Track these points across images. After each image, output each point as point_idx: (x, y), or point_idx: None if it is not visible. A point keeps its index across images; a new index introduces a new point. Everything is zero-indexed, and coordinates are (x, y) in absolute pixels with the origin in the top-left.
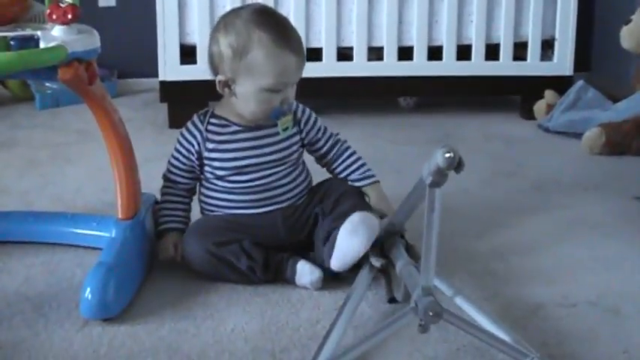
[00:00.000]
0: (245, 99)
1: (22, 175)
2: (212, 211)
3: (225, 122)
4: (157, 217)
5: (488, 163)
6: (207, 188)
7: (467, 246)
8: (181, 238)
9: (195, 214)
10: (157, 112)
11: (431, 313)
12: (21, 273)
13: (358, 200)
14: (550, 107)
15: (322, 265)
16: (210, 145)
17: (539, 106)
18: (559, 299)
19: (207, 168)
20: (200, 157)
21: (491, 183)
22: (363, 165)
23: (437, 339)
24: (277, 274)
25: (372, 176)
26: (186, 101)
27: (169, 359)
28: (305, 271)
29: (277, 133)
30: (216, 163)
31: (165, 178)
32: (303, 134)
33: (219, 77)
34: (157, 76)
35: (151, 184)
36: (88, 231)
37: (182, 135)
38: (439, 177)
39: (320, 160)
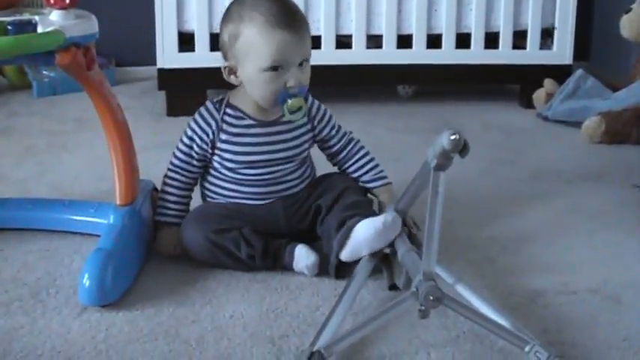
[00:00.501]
0: (250, 83)
1: (19, 162)
2: (214, 198)
3: (241, 114)
4: (157, 204)
5: (487, 152)
6: (214, 176)
7: (466, 234)
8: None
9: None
10: (155, 100)
11: (431, 298)
12: (19, 259)
13: (361, 195)
14: (549, 96)
15: (328, 253)
16: (224, 136)
17: (539, 95)
18: (559, 287)
19: (216, 158)
20: (213, 147)
21: (491, 172)
22: (375, 166)
23: (437, 325)
24: (276, 261)
25: (384, 177)
26: (185, 89)
27: (168, 345)
28: (302, 256)
29: (290, 130)
30: (227, 155)
31: (174, 165)
32: (316, 131)
33: (224, 64)
34: (154, 64)
35: (149, 171)
36: (85, 218)
37: (196, 122)
38: (444, 159)
39: (332, 158)
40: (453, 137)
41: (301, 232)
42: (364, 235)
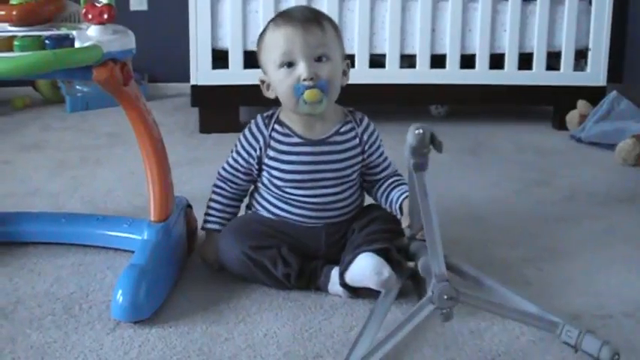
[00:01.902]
0: (275, 89)
1: (52, 177)
2: (259, 210)
3: (288, 131)
4: (205, 213)
5: (520, 173)
6: (264, 191)
7: (501, 256)
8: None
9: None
10: (188, 116)
11: (446, 297)
12: (52, 274)
13: (390, 224)
14: (583, 118)
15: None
16: (271, 153)
17: (572, 117)
18: (595, 310)
19: (265, 173)
20: (260, 162)
21: (525, 193)
22: (400, 185)
23: (471, 348)
24: (310, 282)
25: (407, 192)
26: (218, 106)
27: None
28: (337, 279)
29: (339, 151)
30: (275, 172)
31: (221, 175)
32: (365, 155)
33: (260, 77)
34: (187, 80)
35: (182, 187)
36: (119, 233)
37: (245, 136)
38: (418, 157)
39: (372, 186)
40: (417, 132)
41: (337, 255)
42: (359, 270)
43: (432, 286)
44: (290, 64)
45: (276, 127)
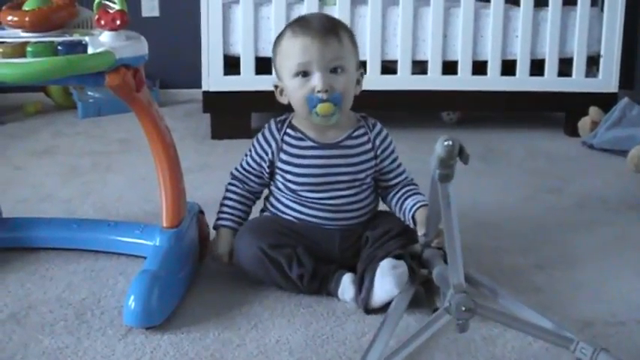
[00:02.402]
0: (290, 96)
1: (64, 182)
2: (274, 213)
3: (301, 135)
4: (217, 212)
5: (531, 179)
6: (278, 194)
7: (512, 262)
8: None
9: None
10: (199, 122)
11: (464, 309)
12: (64, 280)
13: (402, 240)
14: (595, 124)
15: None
16: (284, 157)
17: (584, 123)
18: (607, 317)
19: (279, 177)
20: (272, 165)
21: (536, 199)
22: (414, 194)
23: (485, 355)
24: (322, 286)
25: (422, 201)
26: (230, 112)
27: None
28: (346, 286)
29: (351, 155)
30: (289, 176)
31: (233, 176)
32: (378, 160)
33: (274, 82)
34: (198, 86)
35: (194, 193)
36: (131, 239)
37: (257, 140)
38: (444, 168)
39: (387, 193)
40: (446, 143)
41: (353, 261)
42: (377, 282)
43: (449, 297)
44: (305, 74)
45: (289, 131)
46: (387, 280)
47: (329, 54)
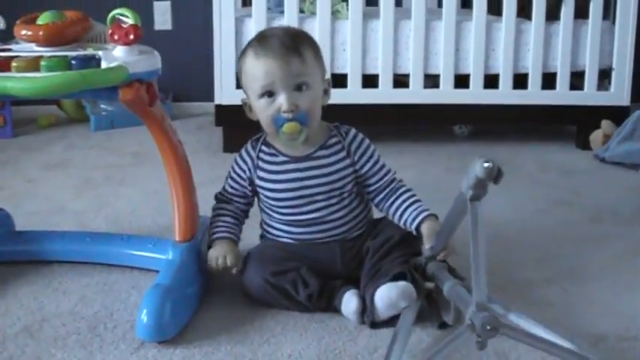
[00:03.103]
0: (257, 112)
1: (77, 195)
2: (271, 238)
3: (274, 151)
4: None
5: (544, 193)
6: (267, 218)
7: (525, 276)
8: (232, 249)
9: (254, 240)
10: (211, 135)
11: (489, 328)
12: (76, 293)
13: (405, 250)
14: (607, 137)
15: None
16: (261, 174)
17: (596, 136)
18: (621, 332)
19: (262, 196)
20: (252, 184)
21: (548, 213)
22: (415, 202)
23: None
24: (329, 303)
25: (425, 210)
26: (242, 125)
27: None
28: (348, 302)
29: (325, 165)
30: (267, 193)
31: (218, 199)
32: (357, 167)
33: (242, 99)
34: (210, 100)
35: (206, 206)
36: (144, 253)
37: (236, 161)
38: (479, 189)
39: (373, 198)
40: (486, 165)
41: (358, 275)
42: (382, 303)
43: (470, 314)
44: (270, 94)
45: (263, 148)
46: (391, 294)
47: (291, 73)
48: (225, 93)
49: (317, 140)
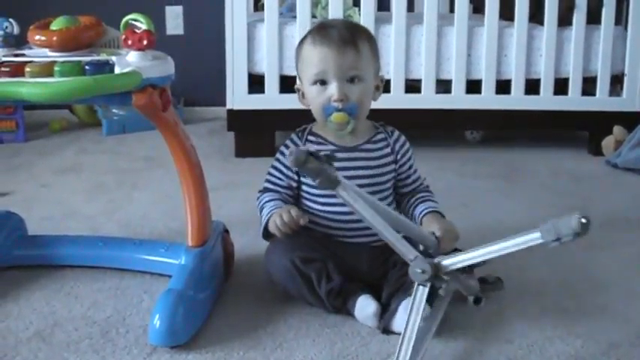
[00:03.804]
0: (309, 100)
1: (89, 199)
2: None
3: (322, 140)
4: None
5: (555, 198)
6: (305, 211)
7: (537, 281)
8: (290, 206)
9: None
10: (223, 140)
11: (419, 270)
12: (89, 297)
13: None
14: (618, 143)
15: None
16: None
17: (608, 142)
18: (632, 339)
19: (303, 187)
20: (298, 173)
21: None
22: (428, 200)
23: None
24: (344, 303)
25: (433, 206)
26: (254, 130)
27: None
28: (364, 305)
29: (372, 158)
30: (311, 181)
31: (261, 192)
32: (397, 165)
33: (296, 85)
34: (222, 104)
35: (219, 211)
36: (156, 257)
37: (281, 152)
38: (565, 239)
39: (401, 198)
40: (584, 221)
41: (381, 282)
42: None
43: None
44: (323, 82)
45: (310, 137)
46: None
47: (346, 64)
48: (237, 98)
49: (365, 133)
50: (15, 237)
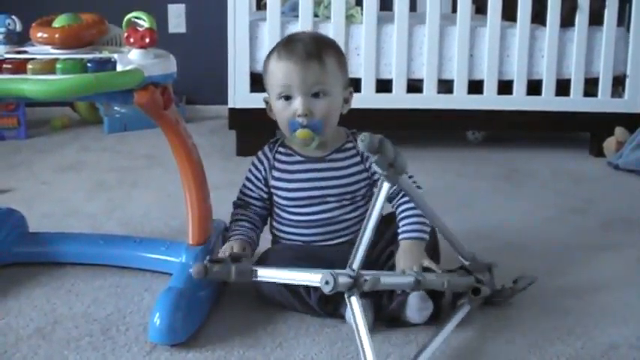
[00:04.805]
0: (275, 113)
1: (90, 198)
2: (282, 242)
3: (291, 152)
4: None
5: (557, 200)
6: (277, 222)
7: (537, 283)
8: (240, 244)
9: (267, 244)
10: (225, 139)
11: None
12: (89, 295)
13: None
14: (620, 144)
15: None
16: (276, 174)
17: (609, 144)
18: (632, 340)
19: (274, 198)
20: (267, 184)
21: (561, 220)
22: (408, 217)
23: None
24: (336, 308)
25: (405, 232)
26: (255, 129)
27: None
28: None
29: (341, 167)
30: (280, 192)
31: (236, 204)
32: (370, 173)
33: (265, 98)
34: (224, 103)
35: (220, 210)
36: (157, 255)
37: (252, 163)
38: None
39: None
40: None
41: None
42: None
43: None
44: (287, 97)
45: (280, 149)
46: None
47: (310, 79)
48: (239, 96)
49: (333, 144)
50: (16, 234)
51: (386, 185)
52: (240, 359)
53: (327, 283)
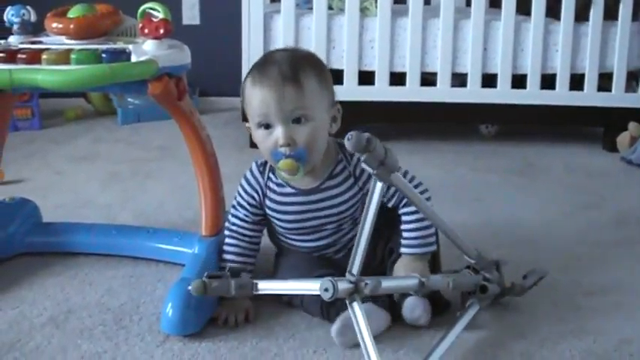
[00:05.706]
0: (257, 142)
1: (104, 188)
2: (287, 248)
3: (282, 182)
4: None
5: (569, 195)
6: (277, 238)
7: (550, 278)
8: (239, 305)
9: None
10: (238, 131)
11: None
12: (103, 285)
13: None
14: (634, 139)
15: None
16: (269, 203)
17: (623, 138)
18: None
19: (270, 219)
20: (262, 207)
21: (574, 215)
22: (410, 231)
23: None
24: (337, 315)
25: (407, 246)
26: None
27: None
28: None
29: (334, 196)
30: (276, 221)
31: (231, 230)
32: (365, 190)
33: (247, 125)
34: (238, 95)
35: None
36: (170, 246)
37: (243, 188)
38: None
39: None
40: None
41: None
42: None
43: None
44: (267, 126)
45: (271, 176)
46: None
47: (288, 105)
48: None
49: (323, 170)
50: (30, 224)
51: (379, 185)
52: (253, 350)
53: (326, 290)
